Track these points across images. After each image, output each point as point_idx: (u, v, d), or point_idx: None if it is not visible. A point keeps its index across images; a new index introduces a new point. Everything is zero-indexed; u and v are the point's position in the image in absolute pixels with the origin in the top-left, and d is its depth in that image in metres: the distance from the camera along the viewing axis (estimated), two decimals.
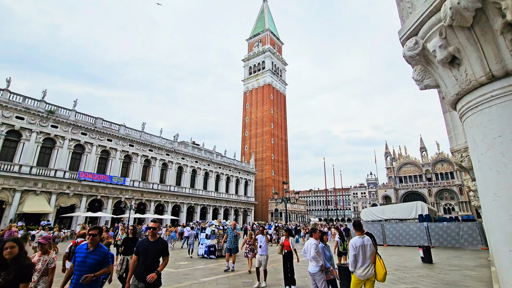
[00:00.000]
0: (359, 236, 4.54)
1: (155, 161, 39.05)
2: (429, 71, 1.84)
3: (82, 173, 30.24)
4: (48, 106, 29.07)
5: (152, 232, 4.24)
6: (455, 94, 1.65)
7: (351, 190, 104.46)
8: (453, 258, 12.86)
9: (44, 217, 27.18)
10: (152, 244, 4.17)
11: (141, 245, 4.20)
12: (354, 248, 4.45)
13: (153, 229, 4.25)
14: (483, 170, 1.52)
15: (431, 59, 1.72)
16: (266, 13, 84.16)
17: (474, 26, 1.43)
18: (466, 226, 18.33)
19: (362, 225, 4.71)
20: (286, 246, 7.51)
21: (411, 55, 1.76)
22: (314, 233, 5.38)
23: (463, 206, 59.55)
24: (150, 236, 4.24)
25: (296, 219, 63.28)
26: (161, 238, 4.44)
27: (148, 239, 4.27)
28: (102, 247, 3.92)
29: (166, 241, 4.46)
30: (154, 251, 4.12)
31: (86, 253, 3.79)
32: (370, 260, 4.34)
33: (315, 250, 4.97)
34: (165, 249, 4.25)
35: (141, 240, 4.35)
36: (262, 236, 8.52)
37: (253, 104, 73.27)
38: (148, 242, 4.20)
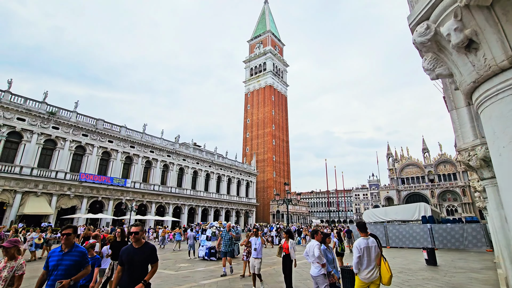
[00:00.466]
0: (363, 237, 4.38)
1: (156, 163, 38.97)
2: (441, 59, 1.70)
3: (83, 175, 30.18)
4: (49, 107, 29.07)
5: (134, 237, 3.69)
6: (472, 82, 1.51)
7: (353, 192, 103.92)
8: (458, 260, 12.64)
9: (45, 218, 27.13)
10: (137, 252, 3.67)
11: (125, 254, 3.70)
12: (358, 249, 4.30)
13: (135, 234, 3.69)
14: (505, 164, 1.38)
15: (444, 45, 1.58)
16: (267, 14, 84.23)
17: (495, 5, 1.29)
18: (470, 227, 18.08)
19: (367, 226, 4.55)
20: (285, 248, 7.18)
21: (422, 41, 1.62)
22: (316, 235, 5.21)
23: (466, 208, 59.09)
24: (134, 242, 3.72)
25: (298, 220, 62.98)
26: (148, 243, 3.87)
27: (132, 246, 3.74)
28: (78, 246, 3.59)
29: (154, 246, 3.85)
30: (141, 259, 3.63)
31: (61, 255, 3.43)
32: (375, 262, 4.19)
33: (319, 250, 4.81)
34: (153, 255, 3.76)
35: (125, 248, 3.82)
36: (256, 239, 8.02)
37: (254, 105, 73.19)
38: (132, 250, 3.69)
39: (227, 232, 10.12)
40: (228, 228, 10.38)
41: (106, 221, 30.96)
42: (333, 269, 5.22)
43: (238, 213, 53.05)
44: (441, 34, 1.52)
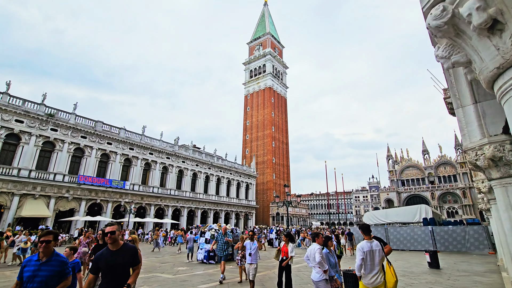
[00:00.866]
0: (367, 240, 4.21)
1: (155, 165, 38.77)
2: (458, 45, 1.55)
3: (82, 177, 29.97)
4: (48, 109, 28.90)
5: (111, 238, 3.19)
6: (495, 68, 1.35)
7: (353, 194, 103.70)
8: (461, 263, 12.45)
9: (43, 221, 26.86)
10: (115, 255, 3.18)
11: (102, 260, 3.19)
12: (361, 252, 4.13)
13: (111, 234, 3.19)
14: None
15: (462, 28, 1.43)
16: (267, 17, 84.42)
17: None
18: (472, 230, 17.90)
19: (371, 229, 4.38)
20: (284, 252, 6.77)
21: (437, 25, 1.47)
22: (318, 238, 5.02)
23: (466, 210, 58.89)
24: (110, 244, 3.21)
25: (298, 223, 62.67)
26: (126, 244, 3.40)
27: (108, 249, 3.24)
28: (59, 255, 3.26)
29: (134, 246, 3.45)
30: (120, 262, 3.16)
31: (38, 265, 3.06)
32: (379, 266, 4.01)
33: (320, 255, 4.63)
34: (135, 257, 3.30)
35: (100, 253, 3.29)
36: (252, 243, 7.47)
37: (254, 107, 73.12)
38: (109, 253, 3.20)
39: (222, 236, 9.54)
40: (223, 231, 9.68)
41: (105, 224, 30.63)
42: (336, 274, 5.04)
43: (237, 216, 52.77)
44: (459, 16, 1.37)
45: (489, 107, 4.07)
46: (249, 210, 55.76)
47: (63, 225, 29.33)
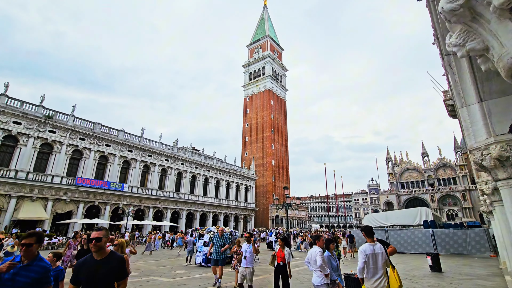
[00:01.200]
0: (370, 243, 4.07)
1: (154, 167, 38.58)
2: (474, 30, 1.43)
3: (80, 179, 29.76)
4: (46, 111, 28.75)
5: (95, 245, 2.74)
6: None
7: (353, 196, 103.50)
8: (463, 267, 12.29)
9: (40, 224, 26.62)
10: (99, 266, 2.73)
11: (83, 269, 2.75)
12: (364, 255, 3.99)
13: (96, 240, 2.74)
14: None
15: (479, 11, 1.31)
16: (266, 19, 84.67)
17: None
18: (473, 232, 17.75)
19: (374, 232, 4.24)
20: (280, 257, 6.36)
21: (452, 8, 1.35)
22: (318, 240, 4.86)
23: (466, 212, 58.71)
24: (94, 252, 2.77)
25: (297, 225, 62.39)
26: (114, 253, 2.95)
27: (92, 257, 2.80)
28: (42, 260, 2.90)
29: (122, 257, 2.97)
30: (104, 274, 2.71)
31: (17, 268, 2.72)
32: (382, 270, 3.87)
33: (321, 258, 4.48)
34: (121, 269, 2.82)
35: (82, 260, 2.86)
36: (247, 246, 7.15)
37: (253, 109, 73.09)
38: (92, 263, 2.75)
39: (219, 237, 9.08)
40: (220, 233, 9.17)
41: (103, 226, 30.37)
42: (338, 277, 4.89)
43: (237, 218, 52.49)
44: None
45: (495, 106, 3.96)
46: (248, 213, 55.50)
47: (61, 227, 29.08)
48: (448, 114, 25.72)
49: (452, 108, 25.26)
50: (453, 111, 25.40)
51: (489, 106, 4.04)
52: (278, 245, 6.77)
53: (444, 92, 26.74)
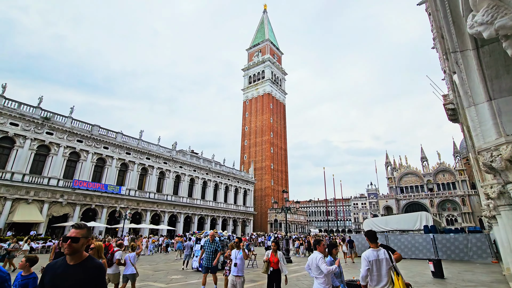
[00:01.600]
0: (373, 248, 3.86)
1: (152, 170, 38.27)
2: (505, 4, 1.25)
3: (77, 181, 29.42)
4: (43, 112, 28.54)
5: (69, 247, 2.19)
6: None
7: (352, 201, 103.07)
8: (465, 273, 12.05)
9: (35, 226, 26.22)
10: (70, 272, 2.17)
11: (49, 274, 2.21)
12: (367, 262, 3.77)
13: (72, 241, 2.20)
14: None
15: None
16: (266, 23, 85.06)
17: None
18: (475, 238, 17.51)
19: (377, 236, 4.03)
20: (273, 263, 5.89)
21: None
22: (319, 245, 4.64)
23: (466, 217, 58.43)
24: (68, 254, 2.22)
25: (296, 230, 61.95)
26: (92, 258, 2.34)
27: (65, 261, 2.24)
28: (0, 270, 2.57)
29: (101, 264, 2.35)
30: (74, 284, 2.15)
31: None
32: (387, 278, 3.65)
33: (325, 264, 4.25)
34: (98, 279, 2.24)
35: (52, 264, 2.31)
36: (237, 252, 6.55)
37: (252, 113, 73.03)
38: (63, 269, 2.20)
39: (210, 243, 8.27)
40: (211, 238, 8.35)
41: (99, 230, 30.02)
42: (341, 284, 4.66)
43: (235, 222, 52.07)
44: None
45: (505, 104, 3.78)
46: (247, 217, 55.10)
47: (56, 230, 28.65)
48: (448, 118, 25.57)
49: (453, 112, 25.06)
50: (454, 115, 25.18)
51: (499, 105, 3.86)
52: (271, 249, 6.27)
53: (444, 96, 26.61)
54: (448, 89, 25.54)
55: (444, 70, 27.62)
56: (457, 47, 4.14)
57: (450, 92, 24.73)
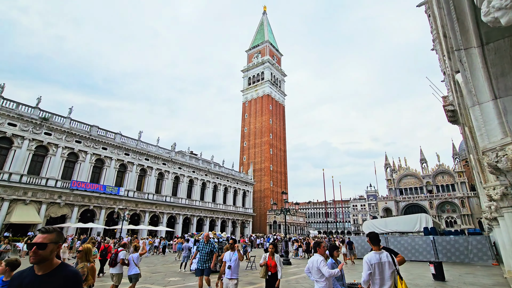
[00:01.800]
0: (375, 251, 3.74)
1: (151, 171, 38.11)
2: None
3: (75, 182, 29.26)
4: (42, 113, 28.40)
5: (35, 255, 1.90)
6: None
7: (351, 202, 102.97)
8: (466, 275, 11.93)
9: (33, 227, 26.01)
10: (39, 283, 1.89)
11: (15, 286, 1.93)
12: (368, 266, 3.66)
13: (39, 247, 1.90)
14: None
15: None
16: (266, 25, 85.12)
17: None
18: (475, 240, 17.41)
19: (380, 238, 3.92)
20: (271, 266, 5.57)
21: None
22: (319, 248, 4.48)
23: (465, 219, 58.34)
24: (34, 263, 1.93)
25: (295, 231, 61.75)
26: (65, 267, 2.01)
27: (32, 270, 1.95)
28: None
29: (74, 273, 2.02)
30: None
31: None
32: (390, 281, 3.54)
33: (326, 267, 4.10)
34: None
35: (19, 273, 2.01)
36: (232, 253, 6.28)
37: (252, 114, 72.95)
38: (29, 279, 1.92)
39: (204, 244, 7.85)
40: (205, 240, 7.96)
41: (97, 231, 29.83)
42: (342, 287, 4.54)
43: (234, 223, 51.88)
44: None
45: (511, 103, 3.70)
46: (246, 218, 54.91)
47: None
48: (448, 120, 25.43)
49: (452, 113, 24.97)
50: (453, 117, 25.08)
51: (505, 104, 3.77)
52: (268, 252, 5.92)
53: (444, 98, 26.52)
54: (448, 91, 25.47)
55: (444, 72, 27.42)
56: (461, 45, 4.05)
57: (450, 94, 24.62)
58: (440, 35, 7.75)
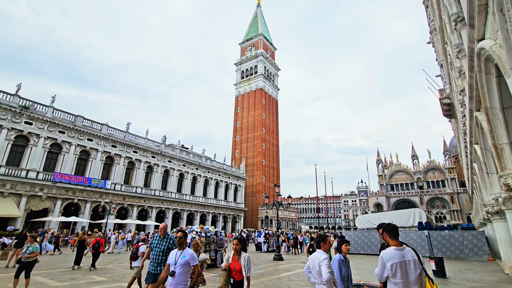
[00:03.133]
0: (396, 247, 2.93)
1: (139, 164, 36.86)
2: None
3: (58, 174, 27.88)
4: (22, 101, 26.82)
5: None
6: None
7: (342, 198, 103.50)
8: (465, 271, 11.44)
9: (12, 221, 24.68)
10: None
11: None
12: (388, 267, 2.81)
13: None
14: None
15: None
16: (260, 18, 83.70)
17: None
18: (471, 235, 17.04)
19: (399, 232, 3.12)
20: (234, 271, 3.99)
21: None
22: (324, 243, 3.51)
23: (454, 215, 59.04)
24: None
25: (287, 226, 61.45)
26: None
27: None
28: None
29: None
30: None
31: None
32: (416, 286, 2.74)
33: (329, 270, 3.19)
34: None
35: None
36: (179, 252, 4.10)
37: (244, 108, 71.89)
38: None
39: (160, 240, 5.51)
40: (162, 232, 5.54)
41: (82, 225, 28.60)
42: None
43: (225, 218, 51.13)
44: None
45: None
46: (238, 213, 54.21)
47: (36, 225, 27.12)
48: (443, 114, 24.83)
49: (448, 107, 24.30)
50: (449, 110, 24.44)
51: None
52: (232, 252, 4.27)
53: (440, 91, 25.87)
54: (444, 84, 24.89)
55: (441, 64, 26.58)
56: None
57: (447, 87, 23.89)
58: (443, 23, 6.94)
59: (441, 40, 17.15)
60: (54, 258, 15.90)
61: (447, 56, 16.26)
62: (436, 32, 24.36)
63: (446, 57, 16.99)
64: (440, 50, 22.04)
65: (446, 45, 14.19)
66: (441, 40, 17.15)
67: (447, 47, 14.40)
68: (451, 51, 13.02)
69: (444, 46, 15.82)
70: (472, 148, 11.64)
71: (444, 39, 15.14)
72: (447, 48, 14.80)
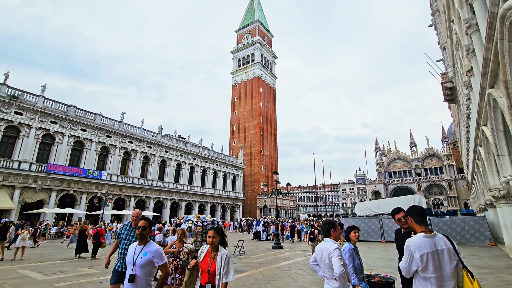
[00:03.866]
0: (425, 234, 2.43)
1: (135, 154, 36.26)
2: None
3: (52, 166, 27.27)
4: (11, 90, 25.91)
5: None
6: None
7: (340, 186, 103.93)
8: (470, 257, 11.16)
9: (6, 214, 24.22)
10: None
11: None
12: (417, 259, 2.29)
13: None
14: None
15: None
16: (256, 4, 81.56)
17: None
18: (473, 220, 16.83)
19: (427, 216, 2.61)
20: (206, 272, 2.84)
21: None
22: (335, 230, 3.03)
23: (451, 201, 59.47)
24: None
25: (285, 215, 61.65)
26: None
27: None
28: None
29: None
30: None
31: None
32: (452, 281, 2.27)
33: (341, 263, 2.68)
34: None
35: None
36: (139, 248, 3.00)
37: (242, 97, 70.88)
38: None
39: (132, 230, 4.43)
40: (133, 222, 4.49)
41: (79, 216, 28.21)
42: (362, 282, 3.24)
43: (224, 208, 51.05)
44: None
45: None
46: (236, 202, 54.13)
47: (31, 217, 26.70)
48: (444, 99, 24.19)
49: (450, 91, 23.63)
50: (451, 95, 23.78)
51: None
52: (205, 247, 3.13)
53: (442, 75, 25.12)
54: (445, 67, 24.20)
55: (444, 47, 25.75)
56: None
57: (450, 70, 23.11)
58: None
59: (445, 19, 16.47)
60: (44, 250, 15.50)
61: (452, 37, 15.62)
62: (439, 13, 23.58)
63: (451, 37, 16.33)
64: (443, 32, 21.35)
65: (453, 23, 13.56)
66: (445, 20, 16.48)
67: (453, 25, 13.77)
68: (458, 28, 12.35)
69: (449, 25, 15.16)
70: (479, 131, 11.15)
71: (450, 17, 14.48)
72: (453, 27, 14.15)
